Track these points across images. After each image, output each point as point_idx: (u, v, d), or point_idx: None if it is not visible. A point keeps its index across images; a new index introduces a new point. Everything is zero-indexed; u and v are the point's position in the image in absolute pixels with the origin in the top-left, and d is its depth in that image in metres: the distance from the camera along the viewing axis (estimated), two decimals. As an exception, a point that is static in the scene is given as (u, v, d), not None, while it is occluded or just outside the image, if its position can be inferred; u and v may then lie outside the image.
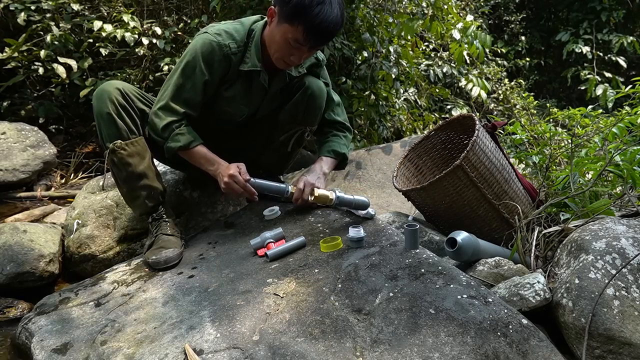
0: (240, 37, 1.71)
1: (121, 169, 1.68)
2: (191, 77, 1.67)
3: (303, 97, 1.81)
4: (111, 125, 1.65)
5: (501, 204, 1.89)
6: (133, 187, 1.72)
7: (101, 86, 1.68)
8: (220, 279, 1.47)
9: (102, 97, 1.65)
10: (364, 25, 3.98)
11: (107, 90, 1.65)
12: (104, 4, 3.78)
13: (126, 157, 1.66)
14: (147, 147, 1.74)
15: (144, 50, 3.63)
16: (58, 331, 1.35)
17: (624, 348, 1.17)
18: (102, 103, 1.64)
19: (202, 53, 1.66)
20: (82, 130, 4.25)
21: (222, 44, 1.67)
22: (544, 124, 2.72)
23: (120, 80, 1.77)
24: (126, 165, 1.67)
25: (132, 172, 1.68)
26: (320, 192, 1.72)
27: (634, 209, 1.67)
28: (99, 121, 1.66)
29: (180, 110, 1.68)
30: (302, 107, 1.83)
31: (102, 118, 1.65)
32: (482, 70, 6.17)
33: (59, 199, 3.05)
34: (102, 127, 1.66)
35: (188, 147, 1.69)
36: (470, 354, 1.06)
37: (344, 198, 1.70)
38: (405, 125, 4.66)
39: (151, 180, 1.73)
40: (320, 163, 1.87)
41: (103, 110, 1.64)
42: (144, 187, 1.72)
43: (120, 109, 1.66)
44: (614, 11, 7.60)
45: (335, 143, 1.93)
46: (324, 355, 1.09)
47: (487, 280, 1.49)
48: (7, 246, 1.89)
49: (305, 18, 1.54)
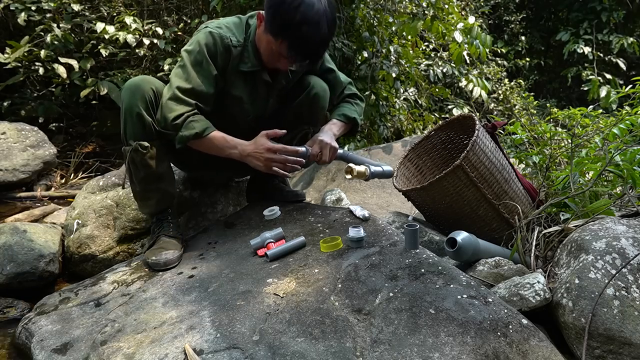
0: (239, 32, 1.70)
1: (140, 169, 1.67)
2: (199, 70, 1.64)
3: (307, 97, 1.81)
4: (139, 124, 1.62)
5: (501, 204, 1.89)
6: (148, 189, 1.72)
7: (134, 81, 1.64)
8: (220, 279, 1.47)
9: (136, 93, 1.62)
10: (364, 25, 3.98)
11: (141, 88, 1.62)
12: (104, 4, 3.78)
13: (147, 158, 1.65)
14: (168, 151, 1.72)
15: (144, 51, 3.63)
16: (58, 331, 1.35)
17: (624, 348, 1.17)
18: (134, 99, 1.61)
19: (205, 45, 1.64)
20: (82, 130, 4.25)
21: (223, 36, 1.66)
22: (544, 124, 2.72)
23: (152, 77, 1.73)
24: (146, 166, 1.66)
25: (151, 174, 1.67)
26: (357, 170, 1.73)
27: (634, 209, 1.67)
28: (127, 117, 1.63)
29: (191, 102, 1.63)
30: (307, 107, 1.82)
31: (130, 115, 1.62)
32: (482, 70, 6.17)
33: (59, 199, 3.06)
34: (129, 124, 1.63)
35: (203, 133, 1.62)
36: (470, 354, 1.06)
37: (376, 171, 1.77)
38: (405, 125, 4.66)
39: (167, 185, 1.73)
40: (330, 125, 1.84)
41: (134, 107, 1.61)
42: (159, 190, 1.72)
43: (150, 109, 1.63)
44: (614, 11, 7.60)
45: (346, 109, 1.91)
46: (324, 355, 1.09)
47: (487, 280, 1.49)
48: (7, 246, 1.89)
49: (290, 36, 1.53)
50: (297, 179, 3.13)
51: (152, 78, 1.68)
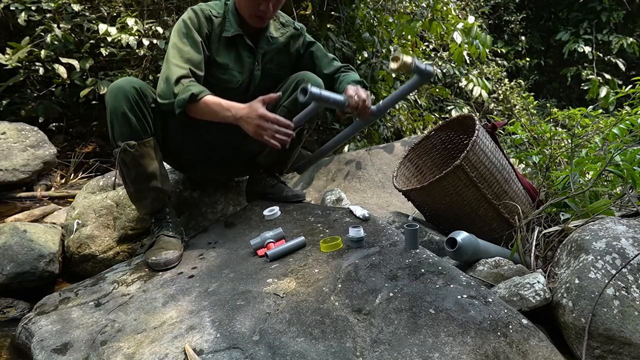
0: (218, 7, 1.83)
1: (131, 169, 1.68)
2: (187, 41, 1.72)
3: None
4: (125, 124, 1.64)
5: (501, 204, 1.89)
6: (141, 188, 1.72)
7: (117, 83, 1.66)
8: (220, 279, 1.47)
9: (118, 94, 1.63)
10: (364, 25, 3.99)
11: (123, 88, 1.64)
12: (104, 4, 3.78)
13: (137, 157, 1.66)
14: (158, 148, 1.74)
15: (144, 51, 3.63)
16: (58, 331, 1.35)
17: (624, 348, 1.17)
18: (118, 101, 1.62)
19: (189, 19, 1.75)
20: (82, 130, 4.25)
21: (203, 9, 1.79)
22: (544, 124, 2.72)
23: (135, 78, 1.75)
24: (137, 165, 1.67)
25: (142, 173, 1.68)
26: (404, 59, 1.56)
27: (634, 209, 1.67)
28: (113, 119, 1.65)
29: (186, 67, 1.67)
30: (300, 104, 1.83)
31: (116, 116, 1.64)
32: (482, 70, 6.18)
33: (59, 199, 3.05)
34: (115, 125, 1.65)
35: (199, 95, 1.63)
36: (470, 354, 1.06)
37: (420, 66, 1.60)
38: (405, 125, 4.66)
39: (160, 182, 1.73)
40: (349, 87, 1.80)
41: (118, 109, 1.62)
42: (152, 189, 1.72)
43: (135, 108, 1.65)
44: (614, 11, 7.60)
45: (351, 75, 1.91)
46: (324, 355, 1.09)
47: (487, 280, 1.49)
48: (7, 246, 1.89)
49: None
50: (297, 179, 3.13)
51: (134, 78, 1.70)
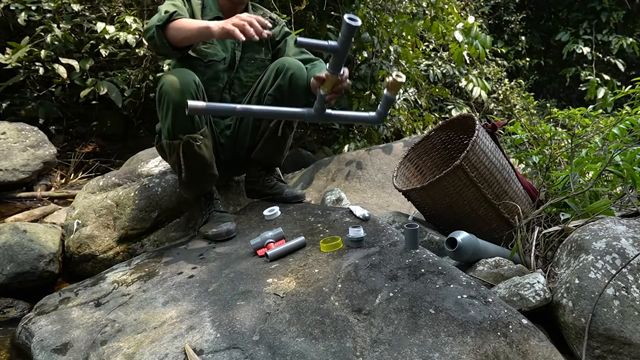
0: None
1: (191, 160, 1.74)
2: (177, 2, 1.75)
3: (284, 80, 1.82)
4: (188, 118, 1.68)
5: (501, 204, 1.89)
6: (199, 175, 1.80)
7: (177, 76, 1.66)
8: (220, 279, 1.47)
9: (182, 88, 1.64)
10: (364, 25, 3.99)
11: (187, 81, 1.65)
12: (104, 4, 3.78)
13: (198, 149, 1.72)
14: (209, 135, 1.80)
15: (144, 51, 3.63)
16: (58, 331, 1.35)
17: (624, 348, 1.17)
18: (182, 94, 1.63)
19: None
20: (82, 130, 4.25)
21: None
22: (544, 124, 2.72)
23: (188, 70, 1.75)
24: (198, 156, 1.73)
25: (203, 162, 1.76)
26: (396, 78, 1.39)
27: (634, 209, 1.67)
28: (175, 111, 1.65)
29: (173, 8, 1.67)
30: (286, 90, 1.83)
31: (179, 108, 1.64)
32: (482, 70, 6.18)
33: (59, 199, 3.06)
34: (177, 118, 1.66)
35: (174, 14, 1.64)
36: (470, 354, 1.06)
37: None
38: (405, 125, 4.66)
39: (214, 169, 1.82)
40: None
41: (182, 101, 1.62)
42: (210, 175, 1.82)
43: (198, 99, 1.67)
44: (614, 12, 7.60)
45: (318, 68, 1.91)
46: (324, 355, 1.09)
47: (487, 280, 1.49)
48: (7, 246, 1.89)
49: None
50: (297, 179, 3.13)
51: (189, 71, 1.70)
